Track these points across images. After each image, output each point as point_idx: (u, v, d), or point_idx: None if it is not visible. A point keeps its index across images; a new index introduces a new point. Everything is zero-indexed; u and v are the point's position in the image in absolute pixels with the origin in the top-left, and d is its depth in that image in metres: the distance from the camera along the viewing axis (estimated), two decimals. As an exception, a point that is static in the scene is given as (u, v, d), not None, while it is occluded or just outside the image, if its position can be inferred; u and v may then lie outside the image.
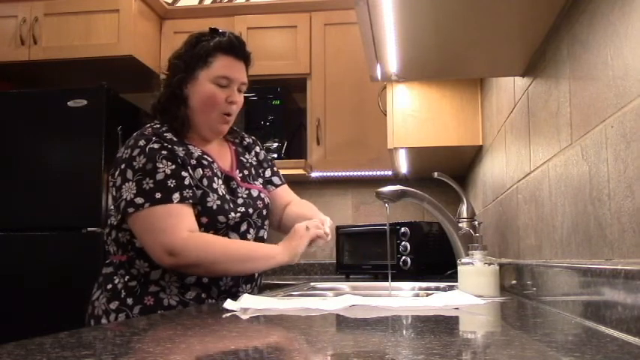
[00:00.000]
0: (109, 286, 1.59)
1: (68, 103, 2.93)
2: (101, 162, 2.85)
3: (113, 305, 1.56)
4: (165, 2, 3.60)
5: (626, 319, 0.77)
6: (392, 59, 1.63)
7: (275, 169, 1.87)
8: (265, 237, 1.72)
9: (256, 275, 1.70)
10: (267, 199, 1.73)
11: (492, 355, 0.73)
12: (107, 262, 1.66)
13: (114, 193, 1.58)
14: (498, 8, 1.28)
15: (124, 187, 1.54)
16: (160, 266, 1.55)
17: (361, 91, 3.26)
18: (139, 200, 1.51)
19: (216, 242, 1.55)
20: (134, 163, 1.54)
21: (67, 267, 2.80)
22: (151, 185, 1.52)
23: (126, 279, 1.58)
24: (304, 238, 1.59)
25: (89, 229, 2.81)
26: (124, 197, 1.53)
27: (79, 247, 2.82)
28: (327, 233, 1.64)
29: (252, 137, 1.88)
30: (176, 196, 1.51)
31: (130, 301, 1.55)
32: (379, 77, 1.79)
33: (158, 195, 1.51)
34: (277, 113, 3.34)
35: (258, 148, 1.85)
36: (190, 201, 1.54)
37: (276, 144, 3.28)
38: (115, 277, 1.60)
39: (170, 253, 1.49)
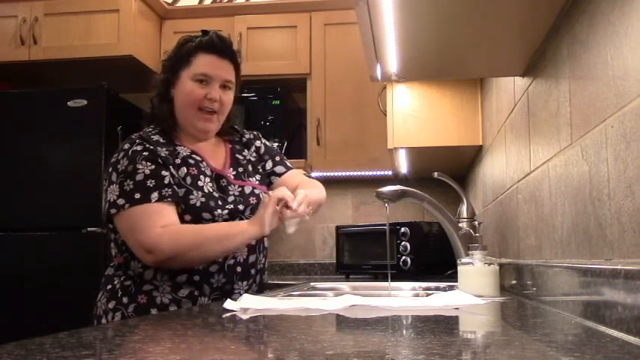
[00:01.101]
0: (109, 287, 1.63)
1: (68, 103, 2.93)
2: (101, 162, 2.85)
3: (111, 305, 1.59)
4: (165, 2, 3.60)
5: (626, 319, 0.77)
6: (392, 59, 1.63)
7: (278, 158, 1.86)
8: None
9: (253, 272, 1.69)
10: (262, 194, 1.73)
11: (492, 355, 0.73)
12: (111, 264, 1.69)
13: (104, 195, 1.62)
14: (498, 8, 1.28)
15: (109, 189, 1.58)
16: (150, 266, 1.58)
17: (361, 91, 3.26)
18: (121, 201, 1.55)
19: (187, 231, 1.56)
20: (118, 166, 1.58)
21: (67, 267, 2.80)
22: (131, 186, 1.55)
23: (122, 279, 1.61)
24: (268, 205, 1.57)
25: (89, 229, 2.81)
26: (108, 199, 1.57)
27: (79, 247, 2.83)
28: (292, 207, 1.56)
29: (254, 132, 1.89)
30: (154, 195, 1.54)
31: (125, 300, 1.58)
32: (379, 77, 1.79)
33: (137, 195, 1.54)
34: (277, 113, 3.34)
35: (258, 142, 1.86)
36: (170, 199, 1.56)
37: (276, 144, 3.27)
38: (114, 278, 1.63)
39: (148, 251, 1.53)
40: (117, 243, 1.64)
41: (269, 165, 1.83)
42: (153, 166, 1.57)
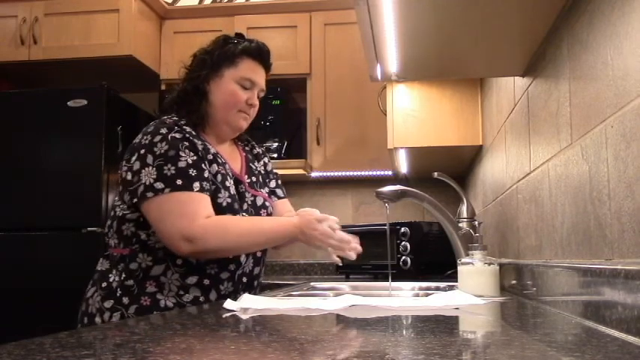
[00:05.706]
0: (104, 284, 1.58)
1: (68, 103, 2.93)
2: (101, 162, 2.85)
3: (108, 304, 1.55)
4: (165, 2, 3.60)
5: (626, 319, 0.77)
6: (392, 59, 1.63)
7: (280, 182, 1.90)
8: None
9: (255, 283, 1.73)
10: (270, 209, 1.77)
11: (492, 355, 0.73)
12: (105, 254, 1.64)
13: (129, 177, 1.56)
14: (498, 8, 1.28)
15: (143, 171, 1.53)
16: (163, 261, 1.56)
17: (361, 91, 3.26)
18: (159, 185, 1.51)
19: (234, 229, 1.57)
20: (155, 149, 1.54)
21: (67, 267, 2.80)
22: (173, 172, 1.52)
23: (122, 277, 1.56)
24: (320, 236, 1.66)
25: (89, 229, 2.81)
26: (143, 181, 1.52)
27: (79, 247, 2.82)
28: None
29: (263, 148, 1.93)
30: (196, 185, 1.53)
31: (125, 300, 1.54)
32: (379, 77, 1.79)
33: (179, 181, 1.52)
34: (277, 113, 3.34)
35: (266, 159, 1.90)
36: (208, 193, 1.56)
37: (276, 144, 3.27)
38: (110, 275, 1.58)
39: (188, 240, 1.49)
40: (121, 234, 1.59)
41: (272, 184, 1.87)
42: (195, 157, 1.56)
